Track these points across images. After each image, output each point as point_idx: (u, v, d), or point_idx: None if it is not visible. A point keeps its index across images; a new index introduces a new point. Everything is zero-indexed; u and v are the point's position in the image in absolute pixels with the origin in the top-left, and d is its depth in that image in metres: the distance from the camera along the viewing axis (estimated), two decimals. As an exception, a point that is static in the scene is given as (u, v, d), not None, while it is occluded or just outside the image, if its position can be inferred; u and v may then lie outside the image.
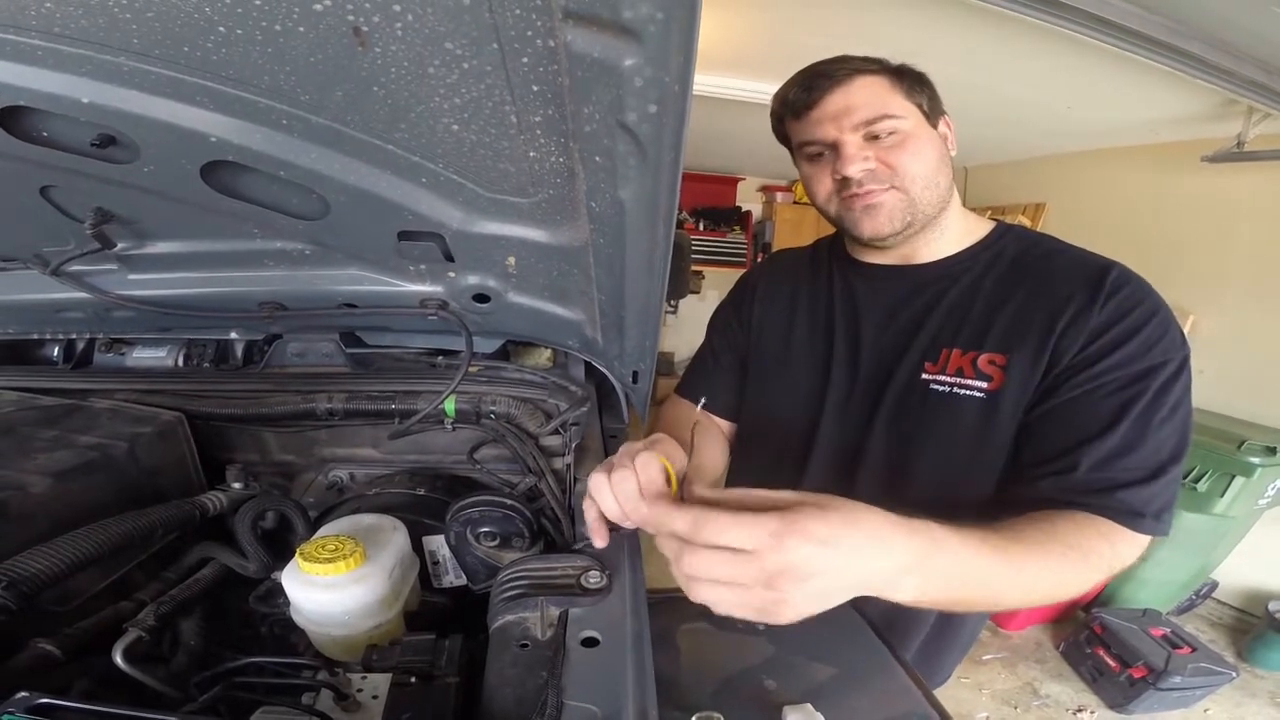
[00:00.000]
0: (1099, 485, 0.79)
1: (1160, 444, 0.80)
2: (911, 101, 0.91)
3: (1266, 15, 1.75)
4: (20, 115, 0.61)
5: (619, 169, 0.54)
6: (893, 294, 1.03)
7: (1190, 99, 2.71)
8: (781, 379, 1.14)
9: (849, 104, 0.88)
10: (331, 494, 1.08)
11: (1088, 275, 0.87)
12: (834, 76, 0.89)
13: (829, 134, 0.90)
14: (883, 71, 0.90)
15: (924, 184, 0.92)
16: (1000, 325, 0.91)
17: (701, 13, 0.39)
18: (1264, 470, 2.70)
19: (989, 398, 0.90)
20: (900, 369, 0.98)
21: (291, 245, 0.85)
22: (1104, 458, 0.79)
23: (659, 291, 0.72)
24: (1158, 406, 0.80)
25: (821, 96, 0.89)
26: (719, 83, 3.13)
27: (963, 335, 0.94)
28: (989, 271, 0.97)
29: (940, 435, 0.94)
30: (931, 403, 0.94)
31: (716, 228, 6.10)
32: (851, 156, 0.89)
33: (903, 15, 2.15)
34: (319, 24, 0.46)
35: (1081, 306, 0.85)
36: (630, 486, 0.67)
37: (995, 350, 0.90)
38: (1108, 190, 3.97)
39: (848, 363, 1.05)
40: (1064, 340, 0.85)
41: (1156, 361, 0.81)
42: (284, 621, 0.81)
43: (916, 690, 0.73)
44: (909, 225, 0.94)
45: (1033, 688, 2.87)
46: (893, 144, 0.89)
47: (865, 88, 0.89)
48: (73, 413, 0.94)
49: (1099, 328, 0.83)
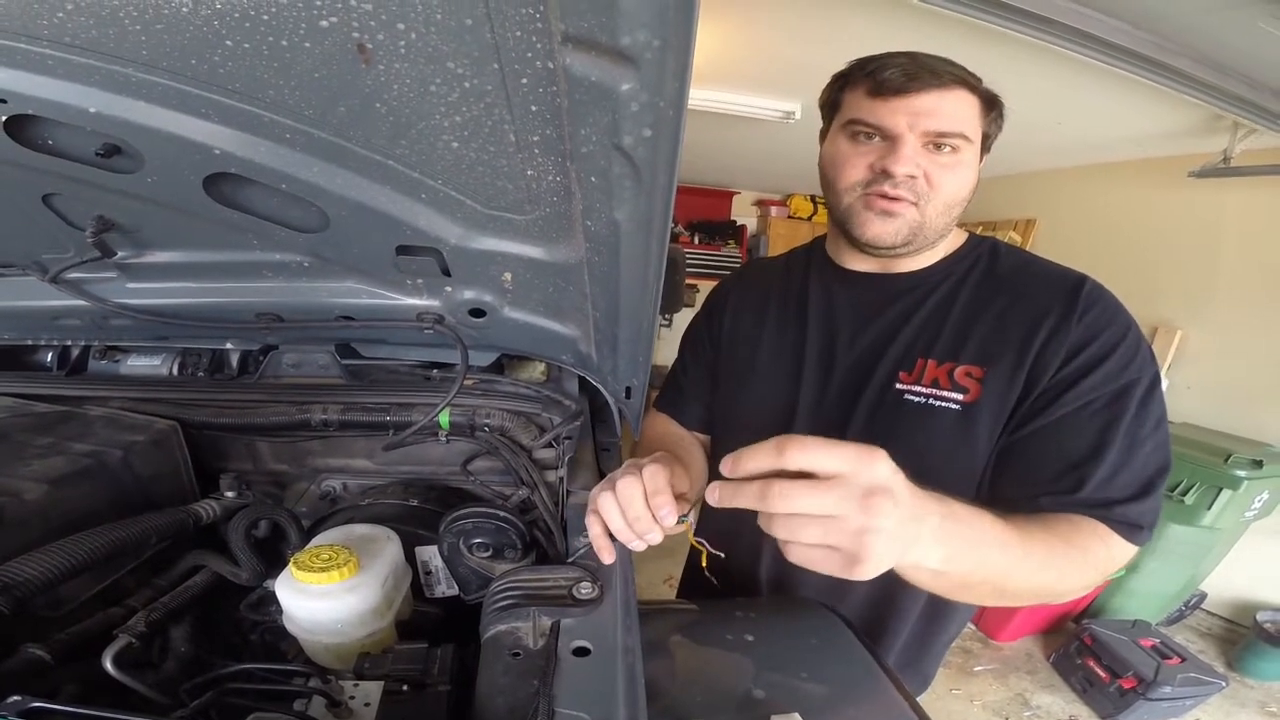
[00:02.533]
0: (1098, 502, 0.81)
1: (1147, 459, 0.82)
2: (984, 130, 0.91)
3: (1252, 32, 1.78)
4: (27, 123, 0.61)
5: (614, 190, 0.55)
6: (869, 301, 1.03)
7: (1178, 115, 2.76)
8: (753, 388, 1.13)
9: (937, 109, 0.86)
10: (324, 504, 1.08)
11: (1062, 289, 0.89)
12: (940, 77, 0.85)
13: (898, 127, 0.87)
14: (979, 92, 0.89)
15: (943, 209, 0.91)
16: (977, 337, 0.92)
17: (696, 41, 0.40)
18: (1250, 483, 2.74)
19: (965, 410, 0.90)
20: (874, 378, 0.98)
21: (290, 257, 0.85)
22: (1101, 478, 0.81)
23: (652, 309, 0.73)
24: (1140, 423, 0.82)
25: (919, 90, 0.85)
26: (716, 97, 3.17)
27: (939, 346, 0.94)
28: (965, 281, 0.97)
29: (915, 446, 0.93)
30: (906, 413, 0.94)
31: (711, 241, 6.12)
32: (907, 157, 0.87)
33: (896, 31, 2.18)
34: (324, 40, 0.47)
35: (1059, 321, 0.86)
36: (637, 494, 0.68)
37: (972, 362, 0.91)
38: (1097, 205, 4.03)
39: (820, 370, 1.05)
40: (1043, 356, 0.86)
41: (1133, 378, 0.83)
42: (275, 629, 0.81)
43: (903, 701, 0.74)
44: (909, 243, 0.93)
45: (1024, 699, 2.87)
46: (946, 162, 0.88)
47: (959, 100, 0.87)
48: (67, 420, 0.94)
49: (1077, 343, 0.84)
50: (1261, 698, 2.92)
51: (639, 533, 0.69)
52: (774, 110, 3.26)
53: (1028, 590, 0.74)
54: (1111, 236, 3.89)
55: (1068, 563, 0.76)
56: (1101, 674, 2.76)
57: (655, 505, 0.68)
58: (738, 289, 1.23)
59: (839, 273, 1.08)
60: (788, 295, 1.14)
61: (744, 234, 6.27)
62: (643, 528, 0.68)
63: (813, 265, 1.14)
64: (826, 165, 0.98)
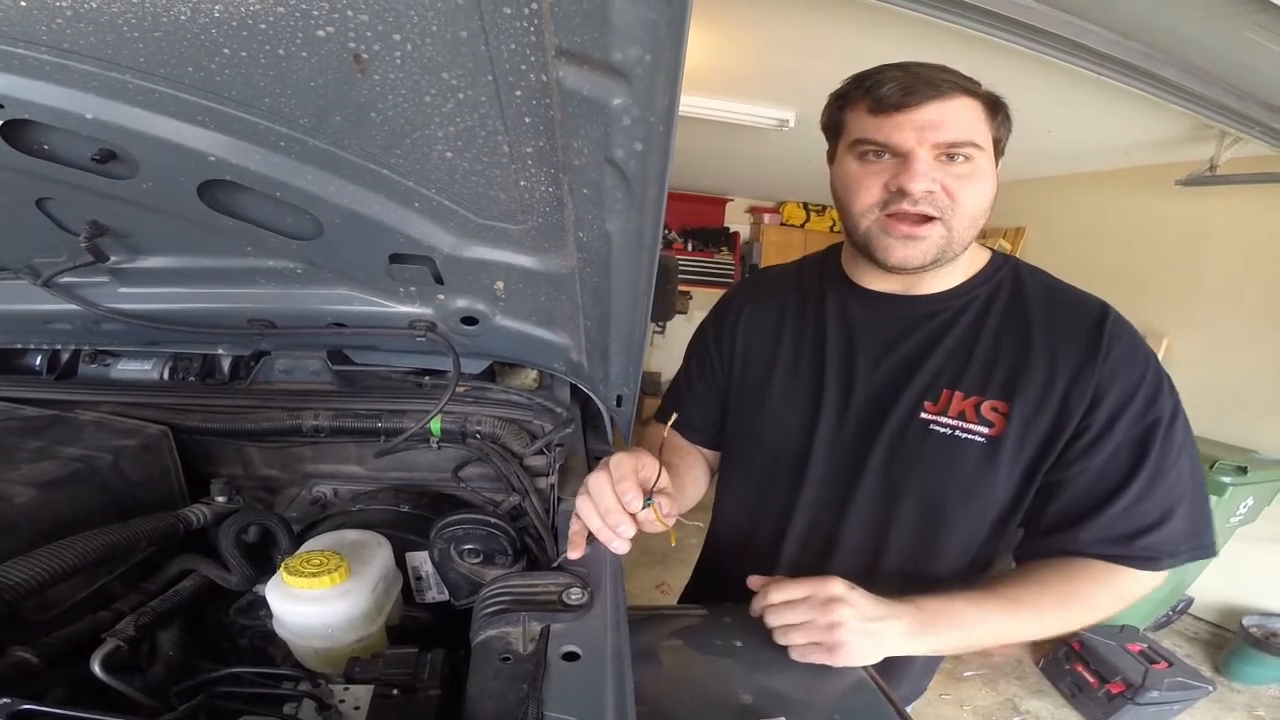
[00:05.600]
0: (1113, 539, 0.86)
1: (1170, 488, 0.85)
2: (993, 134, 0.88)
3: (1239, 42, 1.81)
4: (22, 128, 0.61)
5: (606, 202, 0.56)
6: (891, 325, 1.00)
7: (1165, 123, 2.79)
8: (769, 409, 1.09)
9: (941, 120, 0.83)
10: (315, 509, 1.08)
11: (1086, 323, 0.90)
12: (939, 88, 0.83)
13: (907, 143, 0.84)
14: (980, 96, 0.87)
15: (969, 222, 0.88)
16: (1002, 371, 0.91)
17: (686, 56, 0.41)
18: (1235, 489, 2.77)
19: (990, 443, 0.90)
20: (898, 406, 0.95)
21: (283, 264, 0.85)
22: (1119, 513, 0.85)
23: (643, 318, 0.73)
24: (1165, 455, 0.85)
25: (919, 103, 0.83)
26: (710, 104, 3.17)
27: (966, 379, 0.93)
28: (989, 308, 0.96)
29: (938, 476, 0.93)
30: (931, 443, 0.93)
31: (704, 248, 6.12)
32: (922, 173, 0.83)
33: (888, 41, 2.19)
34: (321, 50, 0.48)
35: (1084, 359, 0.87)
36: (605, 488, 0.73)
37: (997, 397, 0.90)
38: (1086, 214, 4.07)
39: (840, 394, 1.01)
40: (1070, 397, 0.87)
41: (1155, 417, 0.85)
42: (264, 634, 0.81)
43: (889, 705, 0.75)
44: (937, 261, 0.90)
45: (1013, 704, 2.89)
46: (963, 173, 0.85)
47: (963, 108, 0.84)
48: (57, 424, 0.94)
49: (1102, 386, 0.86)
50: (1248, 701, 2.95)
51: (611, 525, 0.72)
52: (768, 118, 3.27)
53: (1034, 636, 0.92)
54: (1100, 244, 3.93)
55: (1065, 612, 0.88)
56: (1090, 679, 2.78)
57: (620, 492, 0.72)
58: (748, 304, 1.17)
59: (857, 292, 1.04)
60: (804, 314, 1.09)
61: (737, 241, 6.28)
62: (614, 520, 0.72)
63: (827, 280, 1.09)
64: (839, 189, 0.95)
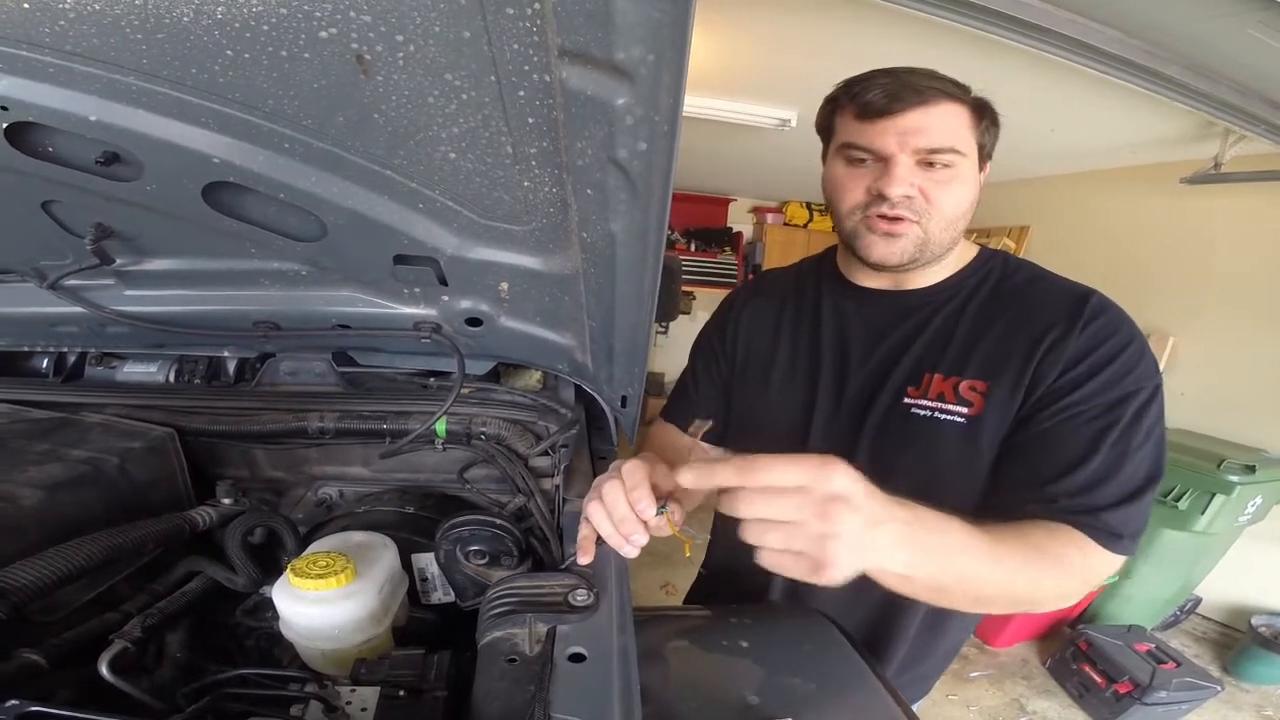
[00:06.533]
0: (1080, 509, 0.81)
1: (1136, 469, 0.82)
2: (977, 140, 0.90)
3: (1243, 39, 1.80)
4: (27, 130, 0.62)
5: (610, 202, 0.55)
6: (881, 318, 1.04)
7: (1169, 121, 2.78)
8: (767, 402, 1.14)
9: (924, 126, 0.85)
10: (321, 511, 1.08)
11: (1068, 302, 0.90)
12: (922, 94, 0.85)
13: (889, 147, 0.87)
14: (966, 102, 0.88)
15: (945, 225, 0.91)
16: (982, 352, 0.93)
17: (690, 56, 0.41)
18: (1243, 488, 2.75)
19: (969, 423, 0.91)
20: (883, 393, 0.99)
21: (288, 265, 0.86)
22: (1084, 485, 0.82)
23: (648, 319, 0.73)
24: (1133, 433, 0.82)
25: (903, 110, 0.85)
26: (712, 104, 3.17)
27: (945, 361, 0.95)
28: (973, 297, 0.98)
29: (920, 458, 0.95)
30: (912, 426, 0.95)
31: (707, 248, 6.11)
32: (900, 178, 0.87)
33: (890, 40, 2.19)
34: (323, 51, 0.48)
35: (1062, 332, 0.87)
36: (619, 496, 0.70)
37: (976, 377, 0.92)
38: (1090, 212, 4.05)
39: (834, 385, 1.06)
40: (1043, 366, 0.87)
41: (1130, 389, 0.83)
42: (270, 635, 0.81)
43: (896, 707, 0.74)
44: (915, 260, 0.94)
45: (1020, 704, 2.87)
46: (942, 178, 0.88)
47: (946, 114, 0.86)
48: (64, 426, 0.94)
49: (1076, 354, 0.85)
50: (1257, 701, 2.93)
51: (625, 534, 0.70)
52: (770, 118, 3.27)
53: (1002, 597, 0.75)
54: (1105, 243, 3.91)
55: (1040, 571, 0.76)
56: (1097, 679, 2.77)
57: (633, 500, 0.70)
58: (750, 302, 1.23)
59: (851, 289, 1.09)
60: (801, 311, 1.15)
61: (740, 241, 6.27)
62: (629, 529, 0.70)
63: (824, 279, 1.14)
64: (829, 189, 0.99)
